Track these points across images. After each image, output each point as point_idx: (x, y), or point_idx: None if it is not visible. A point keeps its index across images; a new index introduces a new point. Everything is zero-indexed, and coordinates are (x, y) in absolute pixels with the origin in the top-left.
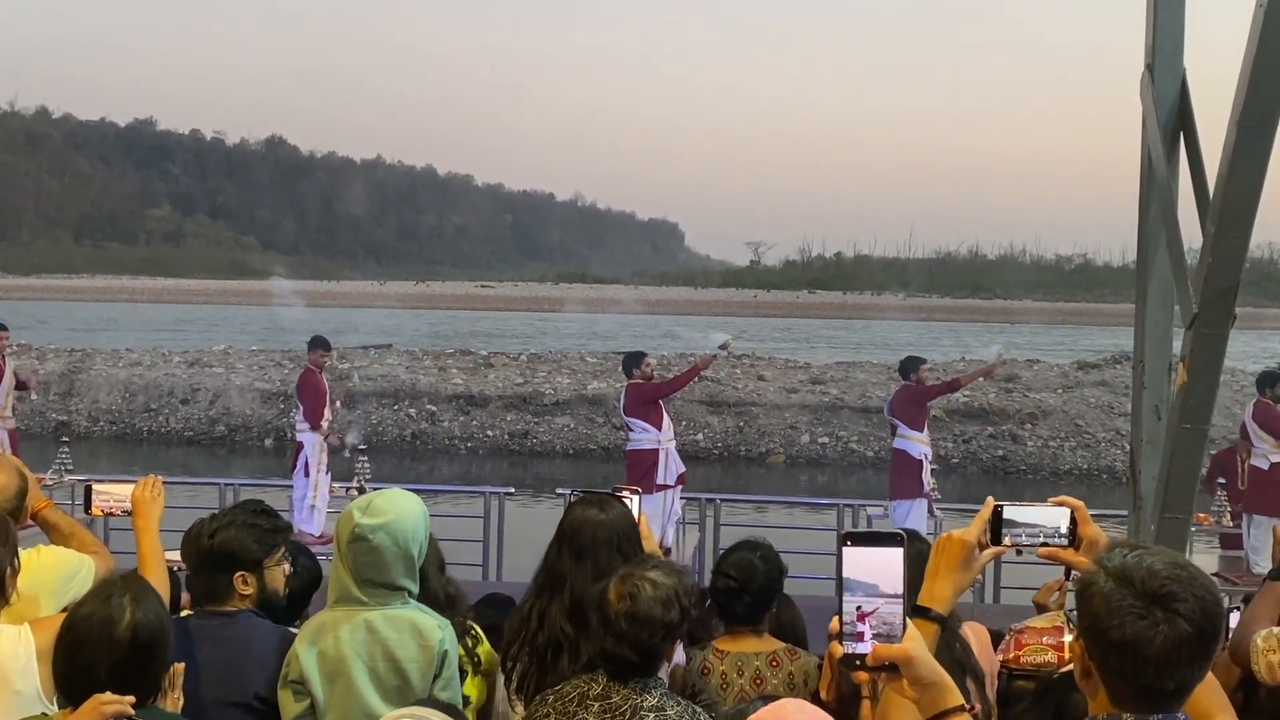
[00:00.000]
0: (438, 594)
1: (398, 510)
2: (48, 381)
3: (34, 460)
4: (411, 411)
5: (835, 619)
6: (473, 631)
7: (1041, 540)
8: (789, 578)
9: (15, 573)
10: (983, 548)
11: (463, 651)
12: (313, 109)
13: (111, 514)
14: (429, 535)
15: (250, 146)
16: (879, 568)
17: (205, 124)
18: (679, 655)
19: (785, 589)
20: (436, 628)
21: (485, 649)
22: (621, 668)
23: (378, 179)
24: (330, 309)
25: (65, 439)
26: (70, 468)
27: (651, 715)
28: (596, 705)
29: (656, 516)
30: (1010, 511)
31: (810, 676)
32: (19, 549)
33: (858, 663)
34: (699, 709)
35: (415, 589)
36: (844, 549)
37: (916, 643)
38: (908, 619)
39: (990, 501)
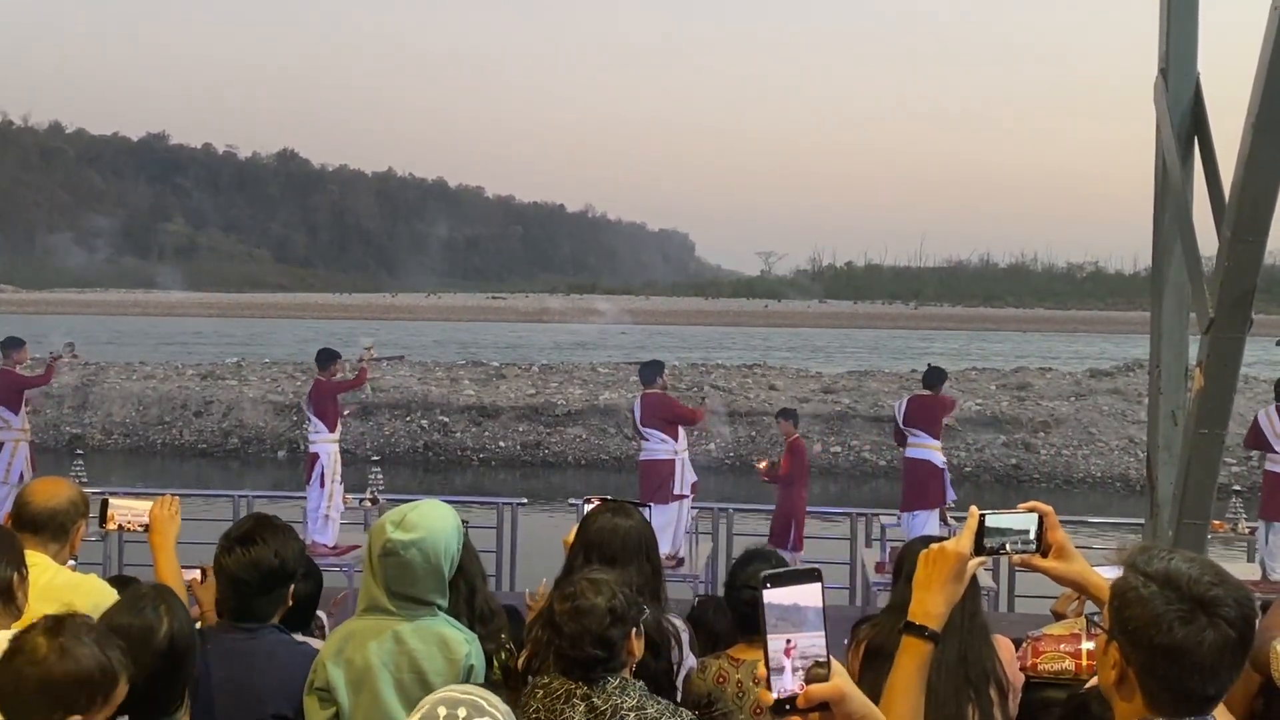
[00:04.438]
0: (483, 609)
1: (430, 525)
2: (61, 395)
3: (49, 473)
4: (424, 423)
5: (760, 664)
6: (508, 647)
7: (1014, 546)
8: None
9: (24, 579)
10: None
11: (498, 666)
12: (324, 122)
13: (127, 529)
14: (472, 552)
15: (262, 160)
16: (801, 605)
17: (217, 138)
18: (690, 660)
19: None
20: (464, 642)
21: None
22: (585, 665)
23: (389, 191)
24: (342, 321)
25: (79, 451)
26: (85, 480)
27: (632, 715)
28: (583, 705)
29: (670, 526)
30: (991, 520)
31: None
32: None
33: (787, 707)
34: (681, 709)
35: (444, 602)
36: (764, 591)
37: (845, 679)
38: (832, 656)
39: (974, 511)
